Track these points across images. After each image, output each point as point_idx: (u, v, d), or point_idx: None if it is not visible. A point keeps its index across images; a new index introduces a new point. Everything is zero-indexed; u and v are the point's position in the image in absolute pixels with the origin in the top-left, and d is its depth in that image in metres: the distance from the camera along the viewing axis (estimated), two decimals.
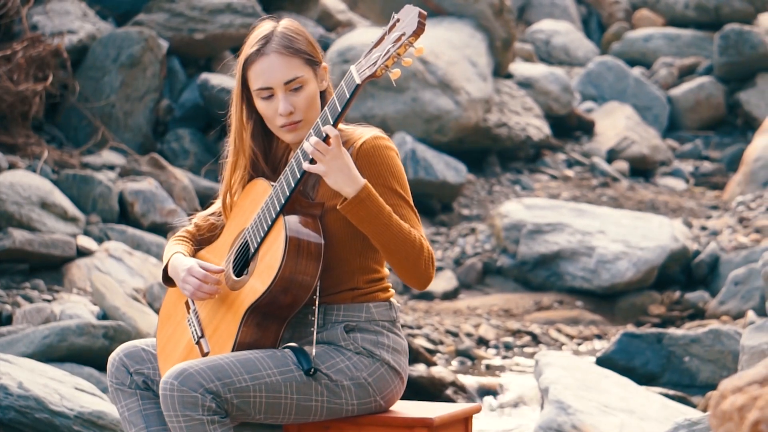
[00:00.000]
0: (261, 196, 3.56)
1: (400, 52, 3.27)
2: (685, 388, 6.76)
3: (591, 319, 8.64)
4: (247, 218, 3.59)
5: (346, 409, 3.51)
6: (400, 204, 3.48)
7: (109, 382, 3.66)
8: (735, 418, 2.31)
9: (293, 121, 3.53)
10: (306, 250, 3.42)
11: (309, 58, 3.55)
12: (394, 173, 3.49)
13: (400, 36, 3.28)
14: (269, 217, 3.48)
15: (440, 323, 8.17)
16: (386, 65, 3.28)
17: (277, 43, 3.53)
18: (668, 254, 8.92)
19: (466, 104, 10.36)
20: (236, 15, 9.50)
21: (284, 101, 3.51)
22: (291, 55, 3.52)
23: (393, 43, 3.29)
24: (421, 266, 3.44)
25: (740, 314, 8.09)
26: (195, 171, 9.05)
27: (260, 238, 3.50)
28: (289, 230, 3.42)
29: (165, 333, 3.72)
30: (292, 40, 3.54)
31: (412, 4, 3.37)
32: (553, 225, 9.18)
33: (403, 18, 3.31)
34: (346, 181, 3.38)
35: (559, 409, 5.42)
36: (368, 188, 3.40)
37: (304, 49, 3.55)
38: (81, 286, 7.11)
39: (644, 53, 13.38)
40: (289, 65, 3.51)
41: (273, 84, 3.51)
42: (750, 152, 10.83)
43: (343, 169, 3.38)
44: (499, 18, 10.99)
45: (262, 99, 3.54)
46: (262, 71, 3.52)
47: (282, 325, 3.49)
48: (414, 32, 3.26)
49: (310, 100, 3.54)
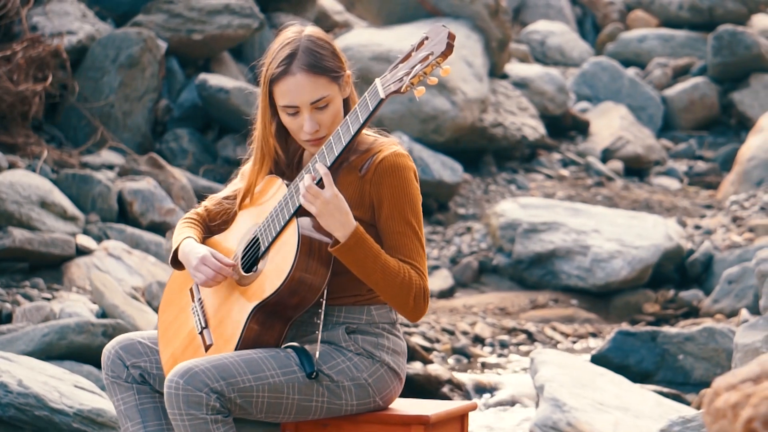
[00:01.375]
0: (275, 194, 3.56)
1: (426, 71, 3.27)
2: (679, 386, 6.76)
3: (586, 318, 8.64)
4: (260, 214, 3.58)
5: (345, 409, 3.52)
6: (406, 233, 3.48)
7: (104, 376, 3.64)
8: (729, 416, 2.31)
9: (318, 138, 3.51)
10: (318, 252, 3.43)
11: (335, 75, 3.52)
12: (410, 200, 3.49)
13: (428, 55, 3.28)
14: (283, 218, 3.48)
15: (436, 321, 8.17)
16: (412, 83, 3.28)
17: (303, 61, 3.49)
18: (662, 253, 8.92)
19: (462, 104, 10.35)
20: (234, 16, 9.47)
21: (310, 121, 3.49)
22: (317, 75, 3.48)
23: (420, 61, 3.28)
24: (410, 304, 3.45)
25: (734, 312, 8.10)
26: (193, 170, 9.04)
27: (272, 237, 3.49)
28: (302, 231, 3.43)
29: (167, 318, 3.72)
30: (318, 57, 3.50)
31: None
32: (548, 224, 9.17)
33: (432, 37, 3.31)
34: (337, 226, 3.39)
35: (555, 406, 5.42)
36: (358, 234, 3.40)
37: (331, 65, 3.51)
38: (80, 284, 7.11)
39: (639, 54, 13.33)
40: (315, 85, 3.48)
41: (299, 103, 3.49)
42: (743, 152, 10.81)
43: (334, 213, 3.38)
44: (494, 19, 10.97)
45: (288, 114, 3.52)
46: (288, 90, 3.49)
47: (286, 325, 3.50)
48: (442, 53, 3.26)
49: (335, 116, 3.52)
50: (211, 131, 9.50)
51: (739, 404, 2.29)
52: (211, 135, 9.48)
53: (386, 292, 3.44)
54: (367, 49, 10.27)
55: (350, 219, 3.40)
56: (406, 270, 3.46)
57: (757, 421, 2.24)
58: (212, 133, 9.49)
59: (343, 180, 3.51)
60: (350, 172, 3.51)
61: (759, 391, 2.28)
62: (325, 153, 3.44)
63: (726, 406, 2.32)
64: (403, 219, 3.48)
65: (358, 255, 3.40)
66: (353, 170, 3.51)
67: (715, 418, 2.34)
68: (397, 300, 3.45)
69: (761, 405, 2.25)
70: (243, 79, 9.85)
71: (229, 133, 9.45)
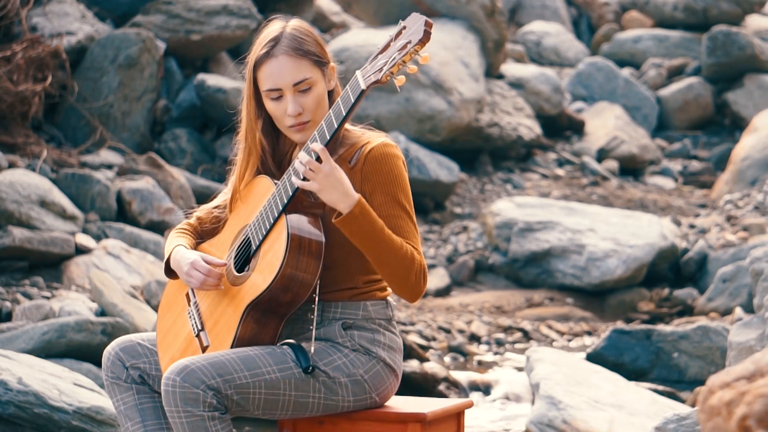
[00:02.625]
0: (264, 193, 3.57)
1: (405, 59, 3.28)
2: (673, 384, 6.78)
3: (581, 316, 8.64)
4: (249, 215, 3.60)
5: (342, 405, 3.53)
6: (401, 215, 3.50)
7: (104, 376, 3.65)
8: (723, 413, 2.30)
9: (302, 122, 3.54)
10: (307, 248, 3.44)
11: (317, 59, 3.55)
12: (399, 183, 3.51)
13: (406, 44, 3.29)
14: (272, 216, 3.49)
15: (433, 320, 8.18)
16: (391, 72, 3.30)
17: (286, 44, 3.53)
18: (657, 252, 8.92)
19: (458, 104, 10.36)
20: (232, 17, 9.47)
21: (293, 102, 3.52)
22: (300, 57, 3.52)
23: (398, 50, 3.30)
24: (411, 280, 3.46)
25: (728, 311, 8.10)
26: (191, 170, 9.04)
27: (262, 235, 3.51)
28: (291, 228, 3.44)
29: (165, 324, 3.73)
30: (300, 41, 3.54)
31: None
32: (543, 223, 9.17)
33: (410, 26, 3.32)
34: (340, 197, 3.40)
35: (550, 404, 5.44)
36: (361, 204, 3.41)
37: (313, 50, 3.55)
38: (79, 283, 7.10)
39: (633, 54, 13.33)
40: (297, 67, 3.52)
41: (282, 85, 3.52)
42: (737, 151, 10.81)
43: (336, 185, 3.40)
44: (490, 19, 10.97)
45: (272, 99, 3.55)
46: (271, 73, 3.53)
47: (281, 322, 3.50)
48: (420, 40, 3.27)
49: (318, 101, 3.55)
50: (209, 131, 9.49)
51: (734, 402, 2.29)
52: (210, 135, 9.47)
53: (389, 266, 3.44)
54: (364, 50, 10.28)
55: (352, 190, 3.41)
56: (408, 246, 3.47)
57: (751, 418, 2.24)
58: (210, 132, 9.48)
59: None
60: (340, 164, 3.52)
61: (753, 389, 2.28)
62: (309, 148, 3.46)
63: (720, 403, 2.31)
64: (396, 202, 3.49)
65: (364, 225, 3.40)
66: (343, 162, 3.54)
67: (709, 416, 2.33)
68: (399, 275, 3.45)
69: (755, 403, 2.25)
70: (241, 80, 9.83)
71: (227, 132, 9.41)
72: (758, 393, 2.26)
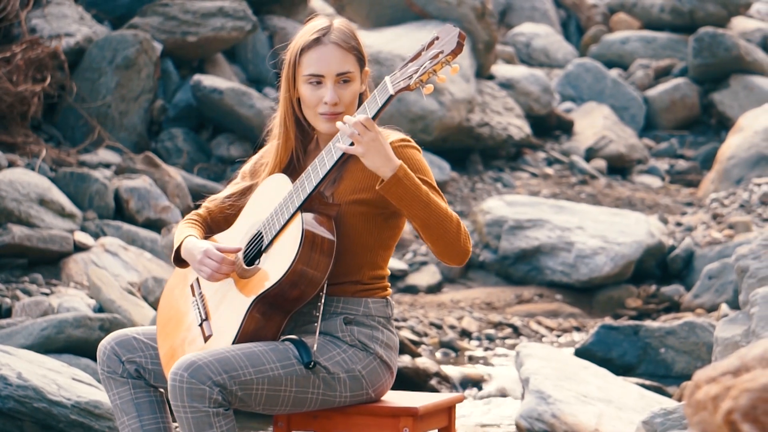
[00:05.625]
0: (278, 190, 3.58)
1: (436, 69, 3.31)
2: (660, 379, 6.78)
3: (570, 312, 8.67)
4: (262, 210, 3.59)
5: (338, 400, 3.54)
6: (432, 192, 3.47)
7: (100, 370, 3.64)
8: (709, 408, 2.29)
9: (335, 112, 3.55)
10: (320, 246, 3.44)
11: (360, 57, 3.60)
12: (421, 168, 3.51)
13: (438, 53, 3.31)
14: (288, 212, 3.49)
15: (425, 316, 8.19)
16: (421, 80, 3.32)
17: (336, 36, 3.57)
18: (644, 249, 8.94)
19: (449, 104, 10.38)
20: (228, 18, 9.44)
21: (332, 91, 3.54)
22: (347, 50, 3.56)
23: (430, 59, 3.32)
24: (460, 240, 3.44)
25: (714, 307, 8.13)
26: (188, 169, 9.04)
27: (276, 230, 3.51)
28: (306, 224, 3.44)
29: (167, 312, 3.72)
30: (349, 36, 3.59)
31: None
32: (533, 221, 9.18)
33: (443, 36, 3.34)
34: (384, 161, 3.39)
35: (539, 398, 5.44)
36: (405, 168, 3.40)
37: (358, 48, 3.60)
38: (78, 280, 7.11)
39: (621, 55, 13.28)
40: (344, 58, 3.56)
41: (326, 72, 3.55)
42: (723, 151, 10.81)
43: (380, 149, 3.39)
44: (481, 21, 10.99)
45: (309, 84, 3.57)
46: (318, 59, 3.55)
47: (285, 318, 3.50)
48: (452, 51, 3.29)
49: (353, 97, 3.59)
50: (205, 131, 9.46)
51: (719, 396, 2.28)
52: (205, 134, 9.45)
53: (438, 227, 3.42)
54: None
55: (394, 156, 3.41)
56: (451, 210, 3.47)
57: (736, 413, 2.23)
58: (206, 132, 9.45)
59: (353, 167, 3.56)
60: (359, 160, 3.53)
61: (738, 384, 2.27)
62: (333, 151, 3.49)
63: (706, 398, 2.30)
64: (423, 183, 3.48)
65: (410, 187, 3.39)
66: None
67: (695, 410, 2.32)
68: (448, 238, 3.43)
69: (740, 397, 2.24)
70: (236, 80, 9.76)
71: (222, 132, 9.40)
72: (743, 388, 2.25)
